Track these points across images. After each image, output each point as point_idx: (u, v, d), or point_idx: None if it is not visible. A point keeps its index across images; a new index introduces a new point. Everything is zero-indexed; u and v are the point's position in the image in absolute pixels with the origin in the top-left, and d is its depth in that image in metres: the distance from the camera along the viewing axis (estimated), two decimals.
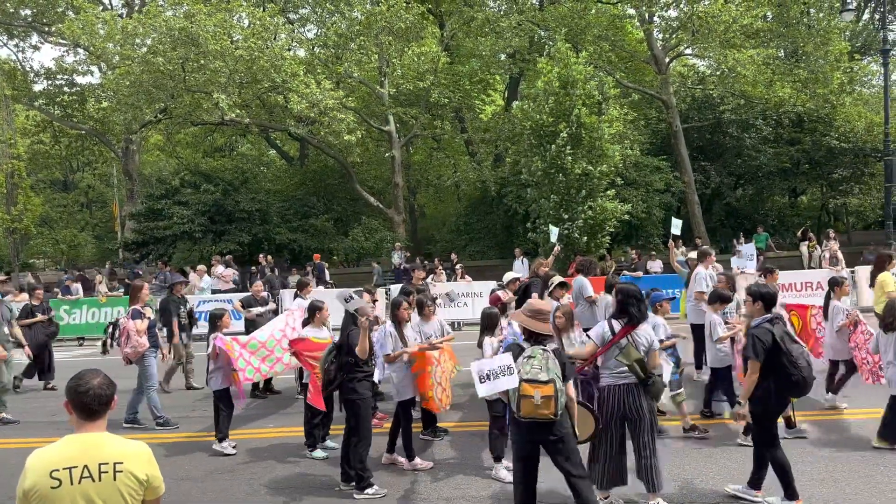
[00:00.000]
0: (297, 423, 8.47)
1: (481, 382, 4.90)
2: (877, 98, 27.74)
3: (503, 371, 4.80)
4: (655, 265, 21.08)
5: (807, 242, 23.10)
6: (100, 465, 2.99)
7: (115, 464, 3.01)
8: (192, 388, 11.37)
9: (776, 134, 27.97)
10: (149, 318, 9.22)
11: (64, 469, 2.94)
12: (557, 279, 9.38)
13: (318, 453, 7.59)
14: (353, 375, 6.44)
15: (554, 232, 14.96)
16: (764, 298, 5.75)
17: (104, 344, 9.50)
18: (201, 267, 19.35)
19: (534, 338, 5.02)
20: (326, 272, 23.07)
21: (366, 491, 6.34)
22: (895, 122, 24.48)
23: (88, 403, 3.05)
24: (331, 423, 8.10)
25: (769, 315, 5.69)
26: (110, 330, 9.32)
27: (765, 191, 29.49)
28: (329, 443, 7.87)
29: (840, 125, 26.87)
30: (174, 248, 26.65)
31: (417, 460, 7.11)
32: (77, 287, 19.97)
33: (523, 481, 5.09)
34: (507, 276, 10.48)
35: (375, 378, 6.69)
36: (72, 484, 2.93)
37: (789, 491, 5.57)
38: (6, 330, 10.25)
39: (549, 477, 5.36)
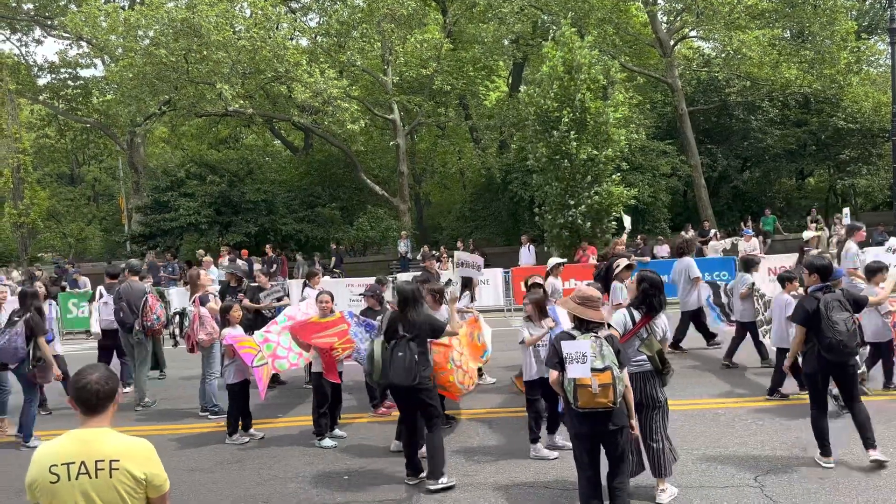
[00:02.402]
0: (305, 413, 8.50)
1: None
2: (884, 78, 27.51)
3: (577, 358, 4.69)
4: (662, 250, 21.04)
5: (814, 225, 23.01)
6: (96, 462, 2.98)
7: (111, 461, 3.00)
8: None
9: (783, 115, 27.78)
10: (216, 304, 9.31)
11: (62, 464, 2.96)
12: (624, 262, 9.30)
13: (327, 442, 7.62)
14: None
15: (626, 220, 14.53)
16: (819, 270, 6.33)
17: (174, 336, 9.46)
18: (207, 259, 19.38)
19: (584, 325, 4.94)
20: (255, 266, 22.33)
21: (440, 480, 6.19)
22: None
23: (87, 399, 3.05)
24: (340, 411, 8.13)
25: (821, 284, 6.21)
26: (177, 320, 9.26)
27: (772, 173, 29.32)
28: (337, 431, 7.89)
29: (847, 105, 26.65)
30: (181, 240, 26.74)
31: None
32: (85, 280, 20.03)
33: (587, 475, 5.00)
34: (552, 262, 10.51)
35: None
36: (69, 479, 2.95)
37: (825, 449, 6.16)
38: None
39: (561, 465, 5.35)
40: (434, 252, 23.56)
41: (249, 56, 22.66)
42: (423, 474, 6.31)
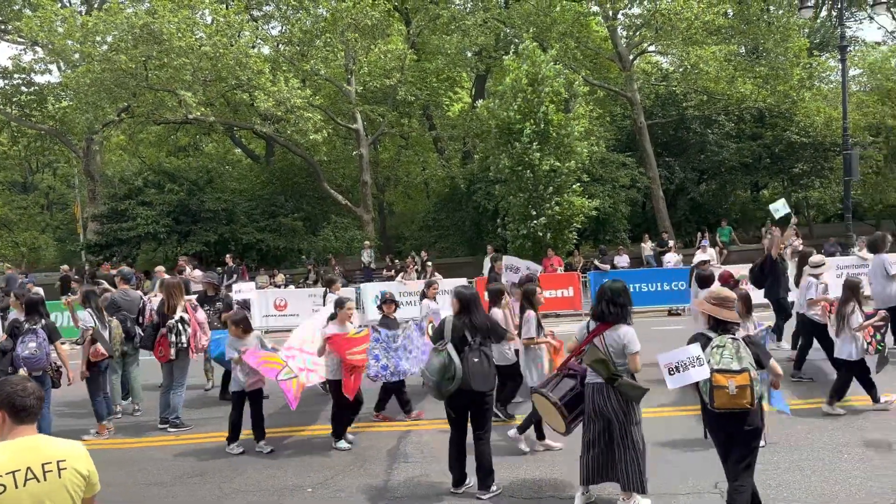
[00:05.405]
0: (268, 426, 8.36)
1: (670, 375, 4.86)
2: (835, 93, 28.33)
3: (693, 362, 4.73)
4: (622, 260, 21.31)
5: (769, 236, 23.53)
6: (43, 465, 3.01)
7: (58, 462, 3.05)
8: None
9: (738, 129, 28.41)
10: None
11: (7, 474, 2.94)
12: (820, 257, 9.45)
13: (343, 444, 7.74)
14: None
15: (781, 206, 13.04)
16: None
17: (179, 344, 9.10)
18: (160, 268, 19.05)
19: (720, 326, 4.94)
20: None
21: (491, 489, 6.15)
22: (853, 117, 25.03)
23: (32, 405, 3.10)
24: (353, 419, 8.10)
25: None
26: (180, 326, 8.92)
27: (728, 185, 29.94)
28: (349, 436, 7.93)
29: (800, 120, 27.37)
30: (138, 250, 26.24)
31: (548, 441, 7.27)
32: (38, 290, 19.50)
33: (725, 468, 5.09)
34: (697, 258, 10.66)
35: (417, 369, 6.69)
36: (16, 487, 2.94)
37: None
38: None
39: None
40: (397, 261, 23.52)
41: (211, 63, 22.41)
42: (469, 482, 6.25)
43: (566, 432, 5.98)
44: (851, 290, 8.00)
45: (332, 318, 8.08)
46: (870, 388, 7.96)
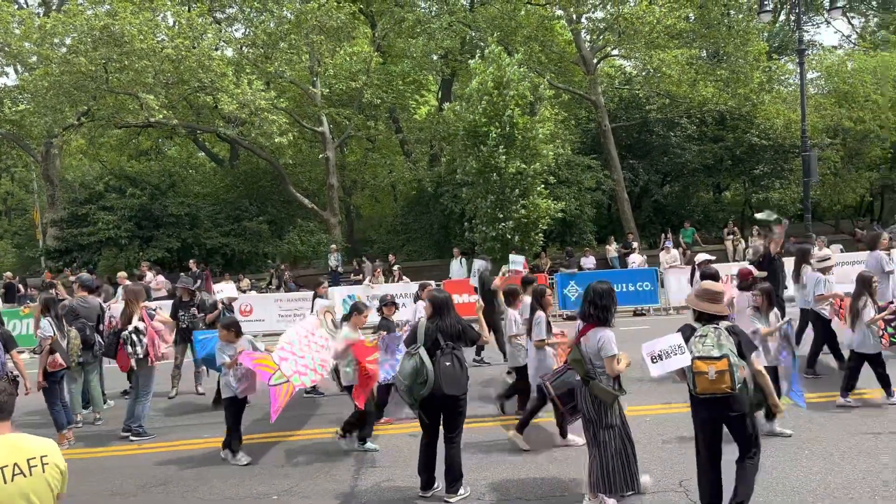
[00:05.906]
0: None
1: (653, 363, 4.97)
2: (794, 96, 28.87)
3: (674, 350, 4.91)
4: (588, 261, 21.50)
5: (731, 237, 23.99)
6: (28, 460, 3.16)
7: (41, 457, 3.21)
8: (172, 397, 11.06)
9: (700, 132, 28.85)
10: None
11: None
12: (828, 254, 9.82)
13: (370, 445, 7.72)
14: None
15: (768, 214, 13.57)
16: None
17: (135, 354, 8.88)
18: (122, 274, 18.75)
19: (704, 318, 5.14)
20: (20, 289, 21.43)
21: (459, 493, 6.15)
22: (811, 120, 25.57)
23: (5, 401, 3.25)
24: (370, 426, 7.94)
25: None
26: (134, 337, 8.69)
27: (690, 187, 30.40)
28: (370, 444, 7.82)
29: (760, 123, 27.90)
30: (99, 256, 25.74)
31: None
32: None
33: (708, 464, 5.17)
34: (700, 257, 10.85)
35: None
36: (5, 482, 3.07)
37: None
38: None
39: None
40: (364, 264, 23.42)
41: (173, 66, 22.09)
42: (437, 486, 6.24)
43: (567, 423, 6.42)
44: (863, 284, 8.15)
45: (345, 318, 8.10)
46: (851, 385, 8.13)
